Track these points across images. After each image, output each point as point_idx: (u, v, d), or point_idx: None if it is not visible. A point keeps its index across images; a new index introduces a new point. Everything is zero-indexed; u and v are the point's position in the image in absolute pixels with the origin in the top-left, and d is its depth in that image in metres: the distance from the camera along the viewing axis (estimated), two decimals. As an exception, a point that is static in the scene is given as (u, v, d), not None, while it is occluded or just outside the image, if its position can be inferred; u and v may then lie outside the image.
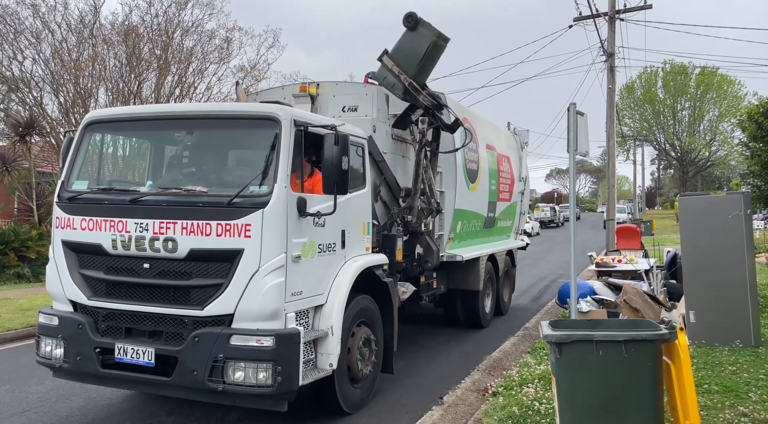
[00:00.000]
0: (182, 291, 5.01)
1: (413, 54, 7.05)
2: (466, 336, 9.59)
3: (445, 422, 5.52)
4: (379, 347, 6.38)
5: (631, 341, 3.49)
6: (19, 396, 6.47)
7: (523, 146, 12.81)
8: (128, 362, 5.03)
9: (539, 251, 24.85)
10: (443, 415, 5.70)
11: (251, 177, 5.03)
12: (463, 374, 7.14)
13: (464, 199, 9.10)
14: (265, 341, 4.76)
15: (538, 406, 5.38)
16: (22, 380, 6.95)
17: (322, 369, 5.39)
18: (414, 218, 7.55)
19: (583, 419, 3.54)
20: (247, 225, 4.85)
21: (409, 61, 7.05)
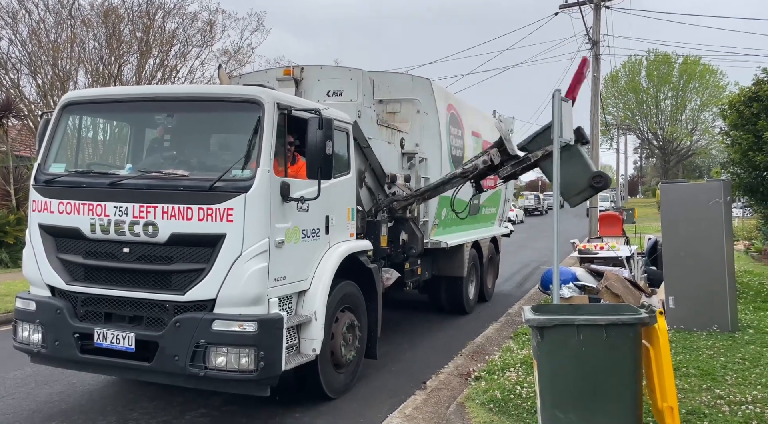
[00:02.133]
0: (163, 276, 4.94)
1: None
2: (450, 322, 9.62)
3: (428, 406, 5.55)
4: (363, 332, 6.37)
5: (611, 324, 3.53)
6: None
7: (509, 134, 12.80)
8: (108, 347, 4.96)
9: (523, 239, 25.02)
10: (426, 399, 5.74)
11: (233, 161, 4.96)
12: (446, 359, 7.18)
13: (449, 186, 9.07)
14: (247, 327, 4.71)
15: (519, 390, 5.44)
16: (0, 366, 6.84)
17: (305, 354, 5.36)
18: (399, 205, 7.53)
19: (564, 402, 3.59)
20: (229, 209, 4.78)
21: None
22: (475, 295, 10.69)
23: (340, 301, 5.93)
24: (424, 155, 8.61)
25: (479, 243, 10.71)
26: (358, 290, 6.30)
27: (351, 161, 6.35)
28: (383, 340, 7.17)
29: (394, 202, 7.48)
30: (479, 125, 10.88)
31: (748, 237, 19.86)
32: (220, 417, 5.44)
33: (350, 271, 6.20)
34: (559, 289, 6.72)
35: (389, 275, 7.18)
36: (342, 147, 6.21)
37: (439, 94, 8.91)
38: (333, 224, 5.89)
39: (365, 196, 7.43)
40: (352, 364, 6.12)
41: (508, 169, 7.86)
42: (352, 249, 6.11)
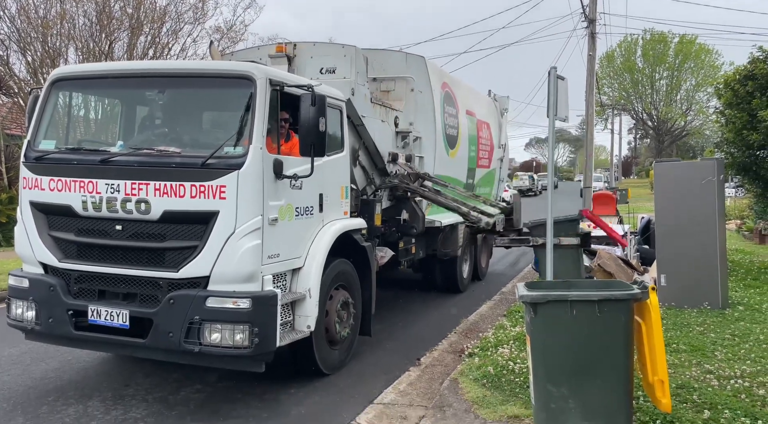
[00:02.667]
0: (156, 253, 4.93)
1: None
2: (444, 301, 9.68)
3: (421, 382, 5.60)
4: (357, 310, 6.40)
5: (604, 300, 3.55)
6: None
7: (503, 113, 12.78)
8: (102, 324, 4.97)
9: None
10: (420, 375, 5.79)
11: (226, 138, 4.93)
12: (440, 336, 7.24)
13: (443, 165, 9.07)
14: (241, 303, 4.72)
15: (512, 365, 5.49)
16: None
17: (299, 331, 5.38)
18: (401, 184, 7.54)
19: (556, 376, 3.61)
20: (221, 187, 4.76)
21: None
22: (469, 274, 10.74)
23: (335, 279, 5.94)
24: (418, 134, 8.58)
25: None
26: (352, 268, 6.31)
27: (344, 139, 6.32)
28: (378, 318, 7.21)
29: (395, 181, 7.47)
30: (474, 104, 10.84)
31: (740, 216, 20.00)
32: (215, 393, 5.48)
33: (344, 249, 6.20)
34: (552, 267, 6.77)
35: (383, 253, 7.20)
36: (335, 125, 6.17)
37: (433, 72, 8.85)
38: (327, 202, 5.88)
39: (359, 175, 7.41)
40: (346, 341, 6.16)
41: (505, 241, 8.62)
42: (346, 227, 6.12)
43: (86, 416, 4.94)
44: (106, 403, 5.20)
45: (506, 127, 13.06)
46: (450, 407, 4.77)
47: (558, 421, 3.61)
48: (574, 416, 3.57)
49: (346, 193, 6.33)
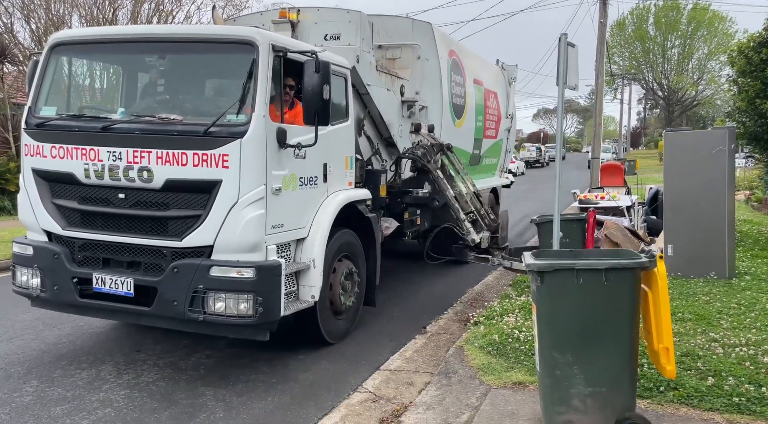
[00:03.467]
0: (160, 222, 4.91)
1: None
2: (449, 271, 9.67)
3: (427, 349, 5.65)
4: (362, 280, 6.40)
5: (611, 269, 3.54)
6: (5, 324, 6.48)
7: (511, 82, 12.59)
8: (107, 292, 4.98)
9: (524, 190, 25.02)
10: (426, 343, 5.83)
11: (228, 105, 4.85)
12: (446, 306, 7.27)
13: (450, 136, 8.96)
14: (245, 273, 4.71)
15: (517, 334, 5.53)
16: (7, 309, 6.92)
17: (304, 301, 5.39)
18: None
19: (562, 344, 3.63)
20: (224, 155, 4.71)
21: None
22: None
23: (339, 249, 5.92)
24: (424, 103, 8.45)
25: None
26: (356, 239, 6.29)
27: (349, 108, 6.23)
28: (383, 288, 7.29)
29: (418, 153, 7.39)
30: (482, 73, 10.67)
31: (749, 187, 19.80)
32: (225, 358, 5.53)
33: (349, 220, 6.17)
34: (559, 237, 6.74)
35: (388, 224, 7.17)
36: (340, 93, 6.08)
37: (440, 40, 8.68)
38: (331, 172, 5.82)
39: (364, 145, 7.34)
40: (351, 311, 6.17)
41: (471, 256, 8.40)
42: (351, 198, 6.07)
43: (99, 379, 5.02)
44: (118, 367, 5.28)
45: (514, 97, 12.88)
46: (455, 374, 4.82)
47: (562, 387, 3.66)
48: (578, 382, 3.62)
49: (351, 163, 6.26)
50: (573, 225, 8.52)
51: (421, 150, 7.46)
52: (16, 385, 4.92)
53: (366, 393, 4.65)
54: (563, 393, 3.64)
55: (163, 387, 4.88)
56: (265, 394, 4.78)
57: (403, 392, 4.64)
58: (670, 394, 4.24)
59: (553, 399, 3.68)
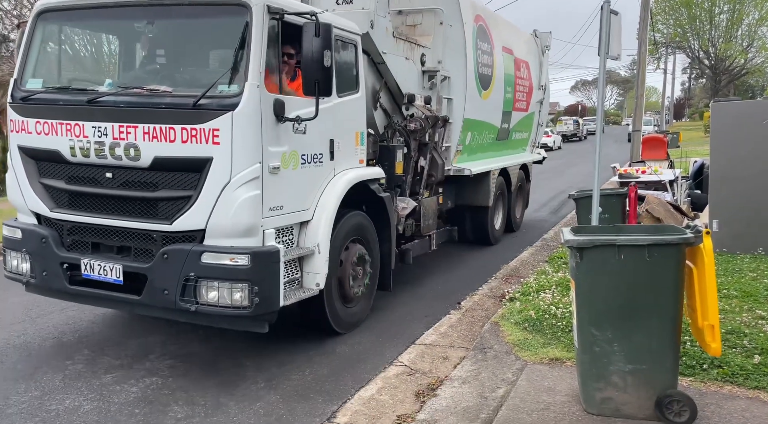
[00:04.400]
0: (149, 204, 4.53)
1: None
2: (483, 248, 9.40)
3: (462, 325, 5.63)
4: (375, 265, 5.95)
5: (654, 245, 3.48)
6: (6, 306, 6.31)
7: (545, 50, 11.81)
8: (96, 278, 4.65)
9: (560, 165, 24.36)
10: (461, 318, 5.79)
11: (219, 74, 4.39)
12: (480, 282, 7.17)
13: (475, 108, 8.37)
14: (239, 260, 4.31)
15: (554, 310, 5.48)
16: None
17: (308, 289, 4.98)
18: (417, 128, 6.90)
19: (601, 320, 3.59)
20: (214, 130, 4.27)
21: None
22: (502, 225, 10.14)
23: (349, 232, 5.48)
24: (447, 73, 7.86)
25: (507, 170, 10.05)
26: (368, 221, 5.83)
27: (360, 79, 5.71)
28: (416, 264, 7.28)
29: (411, 125, 6.84)
30: (511, 41, 9.96)
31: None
32: (248, 340, 5.26)
33: (360, 200, 5.73)
34: (597, 212, 6.40)
35: (405, 204, 6.67)
36: (349, 62, 5.58)
37: (465, 4, 8.03)
38: (339, 148, 5.34)
39: (380, 119, 6.82)
40: (362, 298, 5.74)
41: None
42: (361, 177, 5.59)
43: (146, 349, 5.11)
44: (165, 339, 5.32)
45: (547, 67, 12.10)
46: (491, 349, 4.83)
47: (601, 363, 3.63)
48: (618, 359, 3.59)
49: (361, 139, 5.77)
50: (613, 200, 8.25)
51: (416, 123, 6.86)
52: (68, 353, 5.07)
53: (402, 366, 4.68)
54: (602, 370, 3.63)
55: (206, 358, 4.94)
56: (303, 365, 4.84)
57: (439, 366, 4.66)
58: (713, 372, 4.15)
59: (592, 376, 3.68)
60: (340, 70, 5.35)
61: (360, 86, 5.71)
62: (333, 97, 5.18)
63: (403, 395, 4.18)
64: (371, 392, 4.21)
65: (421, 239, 7.25)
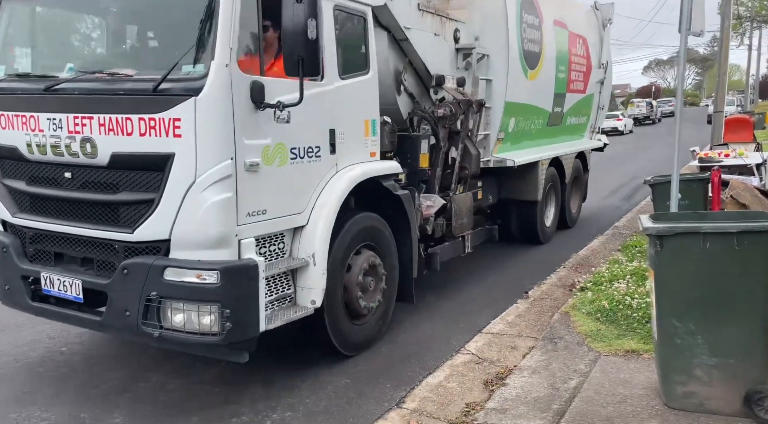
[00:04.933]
0: (109, 208, 3.86)
1: None
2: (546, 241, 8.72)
3: (530, 314, 5.50)
4: (393, 274, 5.14)
5: (745, 232, 3.32)
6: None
7: (606, 24, 10.52)
8: (56, 295, 4.05)
9: (632, 149, 23.10)
10: (528, 308, 5.66)
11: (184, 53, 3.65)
12: (548, 271, 6.96)
13: (519, 90, 7.35)
14: (207, 277, 3.58)
15: (629, 300, 5.29)
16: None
17: (302, 307, 4.22)
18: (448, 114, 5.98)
19: (683, 312, 3.47)
20: (175, 120, 3.55)
21: None
22: (554, 222, 9.07)
23: (356, 237, 4.68)
24: (485, 51, 6.88)
25: (560, 160, 8.96)
26: (382, 224, 5.00)
27: (371, 58, 4.87)
28: (478, 251, 7.19)
29: (439, 111, 5.94)
30: (565, 13, 8.80)
31: None
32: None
33: (375, 200, 4.92)
34: (677, 199, 5.77)
35: (430, 202, 5.79)
36: (356, 37, 4.76)
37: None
38: (342, 140, 4.53)
39: (405, 105, 5.96)
40: (375, 313, 4.94)
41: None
42: (370, 173, 4.75)
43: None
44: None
45: (609, 43, 10.82)
46: (561, 340, 4.74)
47: (683, 357, 3.51)
48: (702, 352, 3.46)
49: (373, 128, 4.93)
50: (693, 185, 7.54)
51: (445, 109, 5.92)
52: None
53: (469, 355, 4.64)
54: (684, 363, 3.52)
55: (273, 344, 4.65)
56: (370, 353, 4.82)
57: (507, 356, 4.61)
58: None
59: (673, 369, 3.57)
60: (344, 48, 4.56)
61: (371, 67, 4.87)
62: (332, 78, 4.38)
63: (471, 383, 4.16)
64: (439, 380, 4.22)
65: (453, 240, 6.35)
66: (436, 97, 6.12)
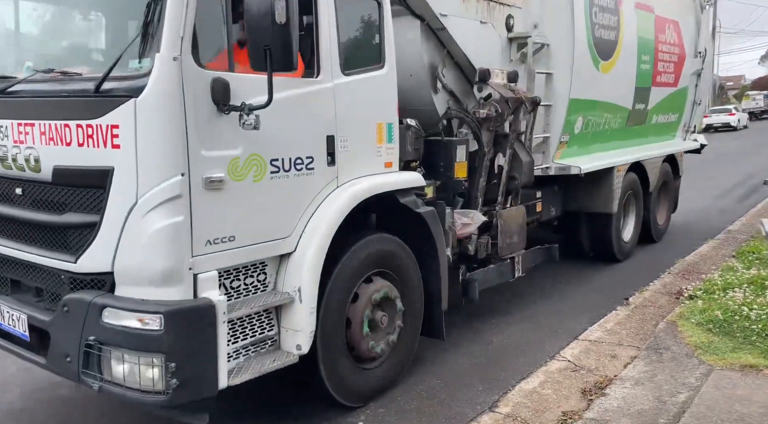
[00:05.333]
0: (57, 231, 3.27)
1: None
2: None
3: (631, 322, 5.27)
4: (415, 307, 4.29)
5: None
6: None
7: (704, 6, 9.07)
8: (6, 329, 3.53)
9: (746, 146, 21.57)
10: (629, 315, 5.42)
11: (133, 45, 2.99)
12: (650, 277, 6.55)
13: (588, 85, 6.26)
14: (149, 321, 2.90)
15: (747, 311, 4.97)
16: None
17: (286, 353, 3.47)
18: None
19: None
20: (113, 127, 2.90)
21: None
22: (635, 236, 7.83)
23: (366, 263, 3.89)
24: (544, 40, 5.84)
25: (643, 165, 7.70)
26: (401, 247, 4.17)
27: (386, 49, 4.04)
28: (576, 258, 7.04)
29: (481, 111, 5.01)
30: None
31: None
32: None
33: (395, 218, 4.12)
34: None
35: (468, 219, 4.86)
36: (366, 25, 3.97)
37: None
38: (345, 148, 3.74)
39: (441, 103, 5.08)
40: (390, 354, 4.11)
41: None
42: (379, 188, 3.91)
43: None
44: None
45: (709, 28, 9.33)
46: (667, 350, 4.52)
47: None
48: None
49: (389, 134, 4.09)
50: None
51: (489, 108, 4.94)
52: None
53: (564, 362, 4.49)
54: None
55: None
56: (459, 353, 4.78)
57: (606, 365, 4.43)
58: None
59: None
60: (350, 38, 3.79)
61: (387, 60, 4.04)
62: (331, 74, 3.62)
63: (567, 391, 4.03)
64: (533, 385, 4.11)
65: (499, 262, 5.39)
66: (480, 95, 5.18)
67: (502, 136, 5.24)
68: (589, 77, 6.23)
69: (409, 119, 4.42)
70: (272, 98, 3.00)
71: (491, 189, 5.29)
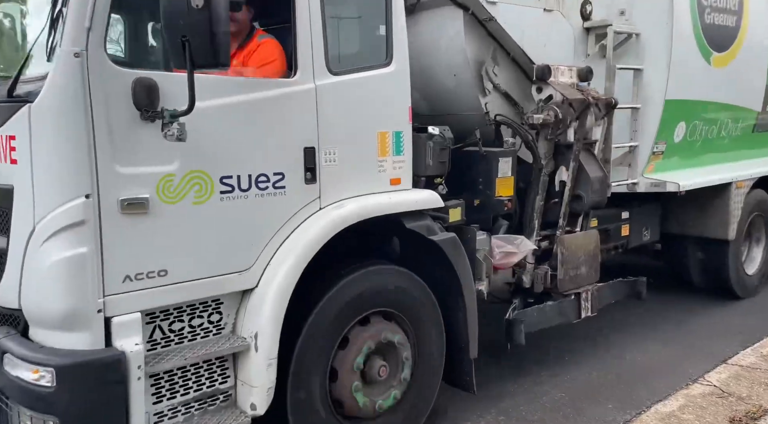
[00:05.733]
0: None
1: None
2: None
3: None
4: (429, 354, 3.50)
5: None
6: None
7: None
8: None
9: None
10: None
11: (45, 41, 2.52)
12: None
13: (695, 83, 5.07)
14: (44, 375, 2.39)
15: None
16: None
17: (241, 411, 2.83)
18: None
19: None
20: (10, 138, 2.44)
21: None
22: (761, 268, 6.33)
23: (358, 301, 3.17)
24: (631, 28, 4.75)
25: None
26: (413, 282, 3.40)
27: (394, 44, 3.27)
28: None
29: (536, 117, 4.07)
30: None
31: None
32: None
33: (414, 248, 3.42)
34: None
35: (513, 247, 3.93)
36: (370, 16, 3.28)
37: None
38: (331, 162, 3.04)
39: (496, 109, 4.22)
40: (396, 411, 3.34)
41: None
42: (371, 211, 3.13)
43: None
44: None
45: None
46: None
47: None
48: None
49: (396, 144, 3.33)
50: None
51: (547, 113, 3.95)
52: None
53: (709, 386, 4.25)
54: None
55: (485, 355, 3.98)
56: (587, 366, 4.64)
57: (761, 394, 4.12)
58: None
59: None
60: (341, 29, 3.10)
61: (395, 57, 3.28)
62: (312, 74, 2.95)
63: (712, 418, 3.79)
64: (671, 409, 3.91)
65: (560, 299, 4.39)
66: (540, 96, 4.23)
67: (564, 146, 4.24)
68: (695, 73, 5.02)
69: (432, 127, 3.61)
70: (194, 104, 2.36)
71: (550, 210, 4.32)
